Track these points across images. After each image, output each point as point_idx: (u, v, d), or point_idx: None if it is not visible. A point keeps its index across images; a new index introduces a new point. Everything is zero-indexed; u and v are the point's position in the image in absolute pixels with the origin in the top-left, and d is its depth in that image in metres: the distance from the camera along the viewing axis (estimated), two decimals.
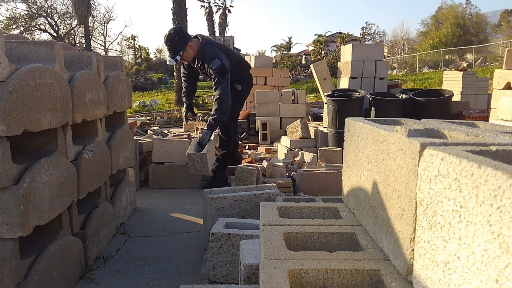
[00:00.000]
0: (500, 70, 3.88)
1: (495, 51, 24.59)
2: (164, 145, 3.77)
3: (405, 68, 26.71)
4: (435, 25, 31.24)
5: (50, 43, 1.76)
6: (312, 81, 18.73)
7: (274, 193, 2.43)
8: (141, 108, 12.57)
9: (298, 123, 5.09)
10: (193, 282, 1.96)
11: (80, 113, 1.97)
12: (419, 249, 0.78)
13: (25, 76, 1.48)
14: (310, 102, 10.56)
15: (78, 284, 1.92)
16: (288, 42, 43.49)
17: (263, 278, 0.88)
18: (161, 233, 2.59)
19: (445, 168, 0.68)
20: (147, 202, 3.24)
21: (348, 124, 1.35)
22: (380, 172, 1.00)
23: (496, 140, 0.83)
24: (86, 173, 2.01)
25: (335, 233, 1.12)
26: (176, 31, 3.44)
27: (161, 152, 3.76)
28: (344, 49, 6.13)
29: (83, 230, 2.03)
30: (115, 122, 2.73)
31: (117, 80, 2.61)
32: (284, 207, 1.34)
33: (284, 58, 31.69)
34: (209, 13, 36.92)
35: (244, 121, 6.90)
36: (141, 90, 19.87)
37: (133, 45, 39.91)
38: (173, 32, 3.42)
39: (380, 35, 37.88)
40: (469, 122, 1.26)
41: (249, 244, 1.44)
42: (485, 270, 0.57)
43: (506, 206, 0.52)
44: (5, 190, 1.41)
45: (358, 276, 0.91)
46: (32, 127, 1.53)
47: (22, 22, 28.04)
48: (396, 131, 0.92)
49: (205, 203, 2.57)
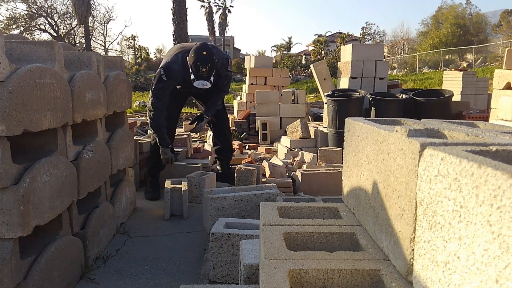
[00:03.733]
0: (500, 70, 3.88)
1: (495, 51, 24.58)
2: None
3: (405, 68, 26.72)
4: (435, 25, 31.24)
5: (50, 43, 1.76)
6: (312, 81, 18.73)
7: (274, 193, 2.43)
8: (141, 108, 12.57)
9: (298, 123, 5.09)
10: (193, 282, 1.96)
11: (80, 113, 1.97)
12: (419, 249, 0.78)
13: (25, 76, 1.48)
14: (310, 102, 10.56)
15: (78, 284, 1.92)
16: (288, 42, 43.50)
17: (263, 278, 0.88)
18: (161, 233, 2.59)
19: (445, 168, 0.68)
20: (147, 202, 3.24)
21: (348, 124, 1.35)
22: (380, 172, 1.00)
23: (496, 140, 0.83)
24: (86, 173, 2.01)
25: (335, 233, 1.12)
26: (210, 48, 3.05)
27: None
28: (344, 49, 6.13)
29: (83, 230, 2.03)
30: (115, 122, 2.73)
31: (117, 80, 2.61)
32: (284, 207, 1.34)
33: (284, 58, 31.70)
34: (209, 13, 36.94)
35: (244, 121, 6.90)
36: (141, 90, 19.86)
37: (133, 45, 39.93)
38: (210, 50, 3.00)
39: (380, 35, 37.90)
40: (469, 122, 1.26)
41: (249, 244, 1.44)
42: (485, 270, 0.57)
43: (506, 206, 0.52)
44: (5, 190, 1.41)
45: (358, 276, 0.91)
46: (32, 127, 1.53)
47: (22, 22, 28.04)
48: (396, 131, 0.92)
49: (205, 203, 2.57)
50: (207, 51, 2.96)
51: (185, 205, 2.85)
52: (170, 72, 3.03)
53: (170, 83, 3.05)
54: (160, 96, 3.06)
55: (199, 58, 2.93)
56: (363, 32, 36.76)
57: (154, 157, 3.41)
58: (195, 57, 2.94)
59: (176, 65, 3.05)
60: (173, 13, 14.23)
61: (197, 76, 2.96)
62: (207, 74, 2.97)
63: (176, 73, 3.05)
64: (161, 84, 3.03)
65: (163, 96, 3.07)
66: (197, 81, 2.98)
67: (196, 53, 2.96)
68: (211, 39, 37.48)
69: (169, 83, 3.05)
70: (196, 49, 2.98)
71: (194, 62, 2.94)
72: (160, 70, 3.05)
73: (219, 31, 37.56)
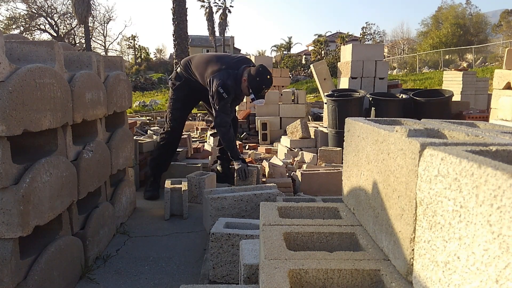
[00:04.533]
0: (500, 70, 3.88)
1: (495, 51, 24.60)
2: None
3: (405, 68, 26.73)
4: (435, 25, 31.27)
5: (50, 43, 1.76)
6: (312, 81, 18.73)
7: (274, 193, 2.43)
8: (141, 108, 12.57)
9: (298, 123, 5.09)
10: (193, 282, 1.96)
11: (80, 113, 1.97)
12: (419, 249, 0.78)
13: (25, 76, 1.48)
14: (310, 102, 10.57)
15: (78, 284, 1.92)
16: (288, 42, 43.52)
17: (263, 278, 0.88)
18: (161, 233, 2.59)
19: (445, 168, 0.68)
20: (147, 202, 3.24)
21: (348, 124, 1.35)
22: (380, 172, 1.00)
23: (496, 140, 0.83)
24: (86, 173, 2.01)
25: (335, 233, 1.12)
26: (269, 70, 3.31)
27: None
28: (344, 49, 6.13)
29: (83, 230, 2.03)
30: (115, 122, 2.73)
31: (117, 80, 2.61)
32: (284, 207, 1.34)
33: (284, 58, 31.72)
34: (209, 13, 36.93)
35: (244, 121, 6.90)
36: (141, 90, 19.89)
37: (133, 45, 39.95)
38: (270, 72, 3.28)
39: (380, 35, 37.94)
40: (469, 122, 1.26)
41: (249, 244, 1.44)
42: (485, 270, 0.57)
43: (506, 206, 0.52)
44: (5, 190, 1.41)
45: (358, 276, 0.91)
46: (32, 127, 1.53)
47: (22, 22, 28.07)
48: (396, 131, 0.92)
49: (205, 203, 2.57)
50: (269, 75, 3.23)
51: (185, 205, 2.85)
52: (227, 89, 3.21)
53: (229, 98, 3.26)
54: (227, 111, 3.28)
55: (264, 81, 3.19)
56: (363, 32, 36.80)
57: (160, 157, 3.48)
58: (261, 81, 3.19)
59: (229, 81, 3.23)
60: (173, 13, 14.24)
61: (258, 95, 3.22)
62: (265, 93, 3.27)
63: (231, 88, 3.24)
64: (223, 102, 3.23)
65: (228, 111, 3.31)
66: (257, 100, 3.26)
67: (261, 76, 3.19)
68: (211, 39, 37.49)
69: (229, 99, 3.26)
70: (261, 73, 3.20)
71: (259, 84, 3.18)
72: (219, 89, 3.21)
73: (219, 31, 37.54)
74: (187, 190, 2.92)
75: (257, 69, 3.22)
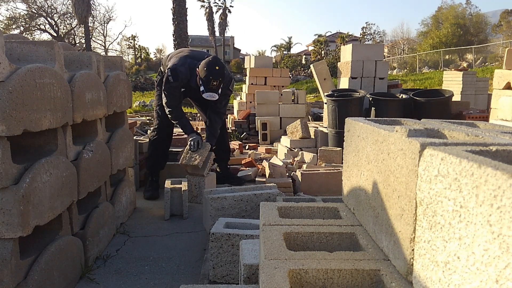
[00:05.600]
0: (500, 70, 3.88)
1: (495, 51, 24.59)
2: None
3: (405, 68, 26.72)
4: (435, 25, 31.26)
5: (50, 43, 1.76)
6: (312, 81, 18.74)
7: (274, 193, 2.43)
8: (141, 108, 12.57)
9: (298, 123, 5.09)
10: (193, 282, 1.96)
11: (80, 113, 1.97)
12: (419, 249, 0.78)
13: (25, 76, 1.48)
14: (310, 102, 10.57)
15: (78, 284, 1.92)
16: (288, 42, 43.51)
17: (263, 278, 0.88)
18: (161, 233, 2.59)
19: (445, 168, 0.68)
20: (147, 202, 3.24)
21: (348, 124, 1.35)
22: (380, 172, 1.00)
23: (496, 140, 0.83)
24: (86, 173, 2.01)
25: (335, 233, 1.12)
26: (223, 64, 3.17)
27: None
28: (344, 49, 6.13)
29: (83, 230, 2.03)
30: (115, 122, 2.73)
31: (117, 80, 2.61)
32: (284, 207, 1.34)
33: (284, 58, 31.73)
34: (209, 13, 36.93)
35: (244, 121, 6.90)
36: (141, 90, 19.88)
37: (133, 45, 39.96)
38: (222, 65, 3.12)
39: (380, 35, 37.93)
40: (469, 122, 1.26)
41: (249, 244, 1.44)
42: (485, 270, 0.57)
43: (506, 206, 0.52)
44: (5, 190, 1.41)
45: (358, 276, 0.91)
46: (32, 127, 1.53)
47: (22, 22, 28.07)
48: (396, 131, 0.92)
49: (205, 203, 2.57)
50: (219, 66, 3.07)
51: (185, 205, 2.85)
52: (176, 74, 3.11)
53: (176, 84, 3.15)
54: (171, 94, 3.17)
55: (212, 72, 3.02)
56: (363, 32, 36.79)
57: (153, 156, 3.45)
58: (208, 71, 3.02)
59: (183, 68, 3.14)
60: (173, 13, 14.25)
61: (207, 88, 3.06)
62: (217, 87, 3.08)
63: (182, 75, 3.14)
64: (168, 85, 3.14)
65: (174, 94, 3.18)
66: (207, 93, 3.08)
67: (209, 66, 3.04)
68: (211, 39, 37.48)
69: (174, 84, 3.14)
70: (209, 63, 3.05)
71: (206, 75, 3.02)
72: (167, 71, 3.13)
73: (219, 31, 37.55)
74: (187, 190, 2.92)
75: (207, 59, 3.09)
